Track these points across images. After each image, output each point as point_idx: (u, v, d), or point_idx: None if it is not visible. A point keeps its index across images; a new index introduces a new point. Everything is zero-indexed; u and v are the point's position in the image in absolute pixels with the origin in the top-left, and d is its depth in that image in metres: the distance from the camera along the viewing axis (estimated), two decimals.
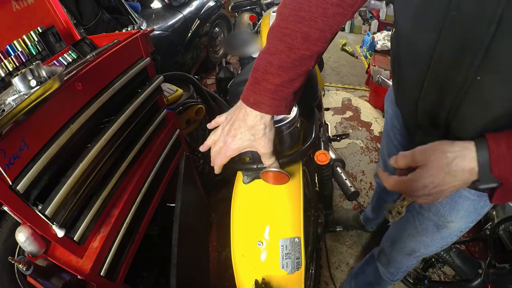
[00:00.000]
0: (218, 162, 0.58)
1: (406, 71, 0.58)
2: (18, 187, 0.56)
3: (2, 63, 0.81)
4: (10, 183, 0.56)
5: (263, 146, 0.56)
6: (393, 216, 0.59)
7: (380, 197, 1.34)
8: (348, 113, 2.62)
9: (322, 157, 0.79)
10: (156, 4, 2.58)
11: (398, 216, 0.58)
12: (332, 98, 2.84)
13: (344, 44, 3.83)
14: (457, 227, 0.73)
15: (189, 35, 2.52)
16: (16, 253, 1.01)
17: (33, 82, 0.59)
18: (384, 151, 1.05)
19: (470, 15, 0.40)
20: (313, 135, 0.78)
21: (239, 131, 0.54)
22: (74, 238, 0.69)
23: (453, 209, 0.69)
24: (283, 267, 0.68)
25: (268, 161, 0.59)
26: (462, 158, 0.43)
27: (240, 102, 0.56)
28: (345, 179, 0.95)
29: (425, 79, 0.52)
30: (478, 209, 0.68)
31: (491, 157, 0.40)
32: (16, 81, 0.59)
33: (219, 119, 0.60)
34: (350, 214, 1.64)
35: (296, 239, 0.68)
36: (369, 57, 3.35)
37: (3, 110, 0.56)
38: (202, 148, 0.62)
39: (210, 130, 0.62)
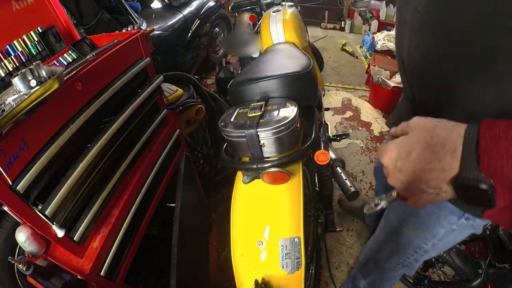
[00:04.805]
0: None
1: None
2: (18, 187, 0.56)
3: (2, 63, 0.81)
4: (10, 183, 0.56)
5: None
6: (368, 209, 0.54)
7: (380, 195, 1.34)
8: (348, 113, 2.62)
9: (322, 157, 0.79)
10: (156, 4, 2.57)
11: (372, 208, 0.53)
12: (332, 98, 2.84)
13: (344, 44, 3.83)
14: (410, 237, 0.67)
15: (189, 35, 2.52)
16: (16, 253, 1.01)
17: (33, 82, 0.59)
18: None
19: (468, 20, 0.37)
20: (313, 135, 0.78)
21: None
22: (74, 238, 0.69)
23: (406, 211, 0.64)
24: (283, 267, 0.68)
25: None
26: (448, 131, 0.34)
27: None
28: (345, 179, 0.95)
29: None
30: (436, 226, 0.58)
31: (480, 140, 0.31)
32: (16, 81, 0.59)
33: None
34: (354, 204, 1.67)
35: (296, 239, 0.68)
36: (369, 57, 3.34)
37: (3, 110, 0.56)
38: None
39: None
